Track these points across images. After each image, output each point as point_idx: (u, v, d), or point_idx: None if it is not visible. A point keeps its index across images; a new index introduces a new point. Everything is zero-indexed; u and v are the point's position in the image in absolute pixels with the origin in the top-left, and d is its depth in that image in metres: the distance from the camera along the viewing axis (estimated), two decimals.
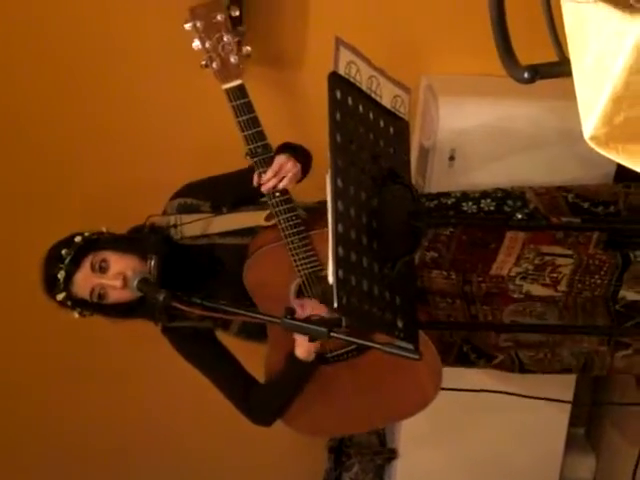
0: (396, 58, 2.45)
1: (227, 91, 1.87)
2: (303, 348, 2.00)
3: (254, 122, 1.88)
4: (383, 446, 3.16)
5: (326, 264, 1.93)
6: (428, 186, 2.64)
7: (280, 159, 1.91)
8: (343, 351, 2.09)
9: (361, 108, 1.76)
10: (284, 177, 1.91)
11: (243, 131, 1.88)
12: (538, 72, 1.10)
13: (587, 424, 3.28)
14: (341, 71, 1.71)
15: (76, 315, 1.99)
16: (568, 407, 2.90)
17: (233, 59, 1.85)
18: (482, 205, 2.35)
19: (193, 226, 2.06)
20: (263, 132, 1.89)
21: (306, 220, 1.98)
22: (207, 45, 1.84)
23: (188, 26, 1.86)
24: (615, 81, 0.81)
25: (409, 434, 3.01)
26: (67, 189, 2.91)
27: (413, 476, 3.10)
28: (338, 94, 1.68)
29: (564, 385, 2.81)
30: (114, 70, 2.75)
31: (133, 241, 2.00)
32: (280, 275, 2.01)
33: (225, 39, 1.83)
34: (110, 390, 3.24)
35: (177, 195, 2.12)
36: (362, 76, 1.78)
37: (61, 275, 1.92)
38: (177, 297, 1.79)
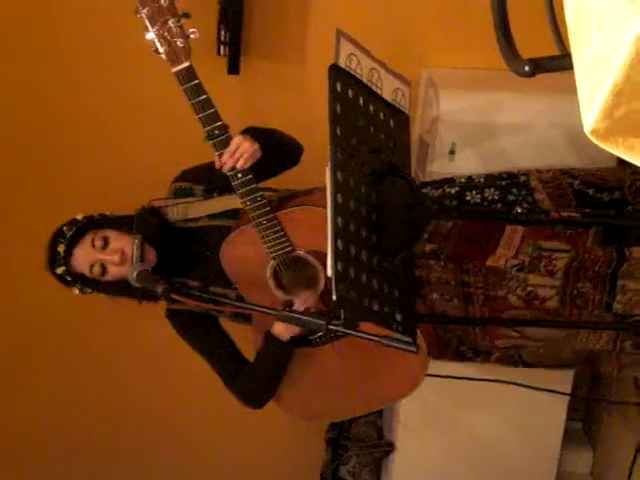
0: (397, 51, 2.45)
1: (176, 74, 1.87)
2: (280, 326, 2.03)
3: (207, 104, 1.87)
4: (381, 439, 3.16)
5: (296, 244, 1.94)
6: (428, 180, 2.63)
7: (237, 139, 1.91)
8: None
9: (361, 101, 1.76)
10: (240, 157, 1.91)
11: (197, 113, 1.88)
12: (539, 65, 1.10)
13: (585, 418, 3.29)
14: (342, 63, 1.71)
15: (76, 292, 2.06)
16: (566, 400, 2.90)
17: (179, 42, 1.85)
18: (486, 194, 2.34)
19: (185, 208, 2.11)
20: (217, 113, 1.88)
21: (274, 201, 1.99)
22: (154, 30, 1.83)
23: (140, 16, 1.86)
24: (616, 74, 0.81)
25: (406, 427, 3.01)
26: (68, 179, 2.92)
27: (410, 469, 3.10)
28: (338, 86, 1.68)
29: (563, 379, 2.81)
30: (113, 62, 2.75)
31: (133, 221, 2.05)
32: (255, 256, 2.01)
33: (170, 23, 1.83)
34: (106, 381, 3.24)
35: (174, 180, 2.19)
36: (363, 69, 1.78)
37: (61, 249, 2.00)
38: (175, 289, 1.81)
